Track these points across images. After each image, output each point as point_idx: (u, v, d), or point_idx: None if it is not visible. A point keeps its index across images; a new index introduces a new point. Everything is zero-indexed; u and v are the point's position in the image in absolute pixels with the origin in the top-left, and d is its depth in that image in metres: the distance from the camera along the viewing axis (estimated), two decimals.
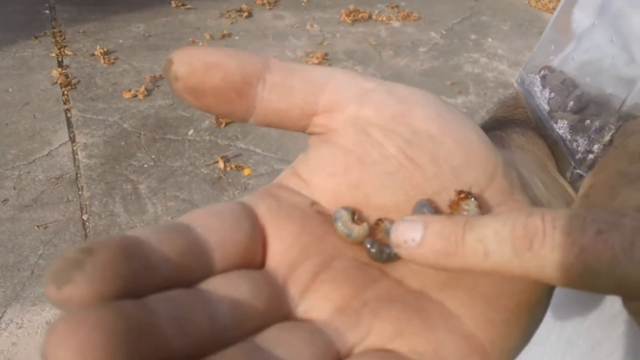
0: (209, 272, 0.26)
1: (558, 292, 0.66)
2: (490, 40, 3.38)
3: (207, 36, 3.20)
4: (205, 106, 0.29)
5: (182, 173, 2.27)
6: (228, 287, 0.25)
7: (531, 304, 0.28)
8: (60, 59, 2.89)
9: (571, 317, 0.59)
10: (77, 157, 2.30)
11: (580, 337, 0.57)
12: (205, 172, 2.28)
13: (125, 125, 2.49)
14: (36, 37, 3.03)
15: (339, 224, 0.28)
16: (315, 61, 2.99)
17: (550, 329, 0.62)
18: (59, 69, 2.80)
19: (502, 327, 0.27)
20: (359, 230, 0.28)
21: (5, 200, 2.07)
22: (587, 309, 0.57)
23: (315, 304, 0.27)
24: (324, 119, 0.30)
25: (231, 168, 2.31)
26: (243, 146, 2.43)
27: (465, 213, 0.28)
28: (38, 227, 1.97)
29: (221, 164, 2.31)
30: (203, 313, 0.23)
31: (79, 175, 2.21)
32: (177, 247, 0.24)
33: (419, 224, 0.24)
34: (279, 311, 0.26)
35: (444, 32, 3.45)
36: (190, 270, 0.25)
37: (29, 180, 2.16)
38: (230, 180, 2.25)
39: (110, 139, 2.41)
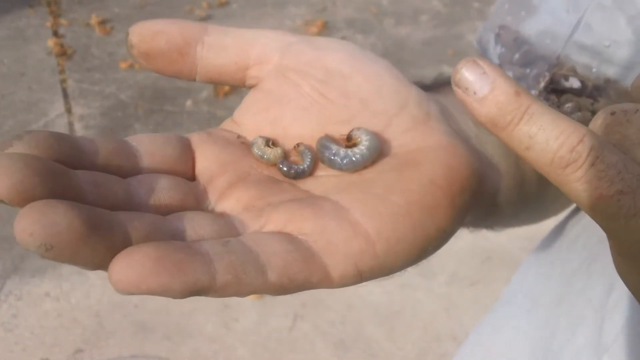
0: (136, 173, 0.29)
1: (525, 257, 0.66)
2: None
3: (205, 5, 3.14)
4: (157, 67, 0.34)
5: None
6: (149, 179, 0.28)
7: (424, 202, 0.30)
8: (55, 29, 2.85)
9: (536, 277, 0.62)
10: (73, 128, 2.28)
11: (544, 295, 0.59)
12: None
13: (122, 96, 2.46)
14: (31, 7, 2.98)
15: (254, 147, 0.33)
16: (315, 30, 2.94)
17: (516, 290, 0.65)
18: (55, 39, 2.75)
19: (389, 219, 0.29)
20: (271, 152, 0.32)
21: None
22: (552, 268, 0.59)
23: (228, 205, 0.30)
24: (255, 70, 0.35)
25: None
26: None
27: (359, 143, 0.32)
28: None
29: None
30: (120, 187, 0.27)
31: None
32: (108, 146, 0.28)
33: (487, 81, 0.24)
34: (194, 207, 0.29)
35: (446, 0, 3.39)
36: (118, 168, 0.28)
37: None
38: None
39: (107, 110, 2.38)
